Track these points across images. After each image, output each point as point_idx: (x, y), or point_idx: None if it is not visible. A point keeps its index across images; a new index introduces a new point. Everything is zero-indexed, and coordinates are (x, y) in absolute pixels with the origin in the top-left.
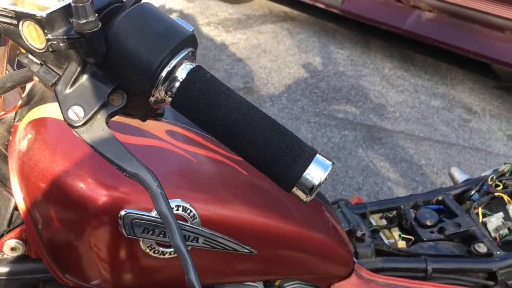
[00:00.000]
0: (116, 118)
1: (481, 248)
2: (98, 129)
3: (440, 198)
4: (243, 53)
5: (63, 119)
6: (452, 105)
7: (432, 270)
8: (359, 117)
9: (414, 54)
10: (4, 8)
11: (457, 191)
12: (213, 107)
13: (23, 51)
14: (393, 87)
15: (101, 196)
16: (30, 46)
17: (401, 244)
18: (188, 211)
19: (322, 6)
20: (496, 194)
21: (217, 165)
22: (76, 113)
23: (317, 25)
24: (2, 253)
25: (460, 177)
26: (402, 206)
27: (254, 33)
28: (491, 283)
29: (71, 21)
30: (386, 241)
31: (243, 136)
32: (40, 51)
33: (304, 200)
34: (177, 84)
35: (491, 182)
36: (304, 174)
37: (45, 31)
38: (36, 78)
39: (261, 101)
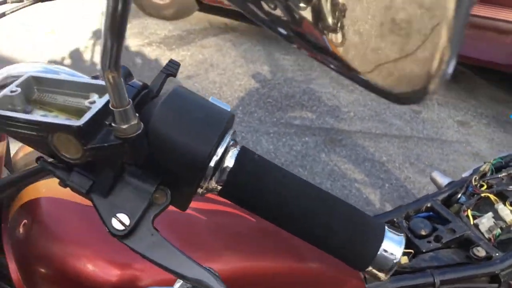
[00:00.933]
0: None
1: (480, 252)
2: (146, 235)
3: (429, 205)
4: (191, 70)
5: (58, 197)
6: None
7: (440, 283)
8: (316, 122)
9: None
10: (29, 120)
11: (443, 196)
12: (273, 192)
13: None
14: (343, 88)
15: (119, 276)
16: (62, 157)
17: (404, 259)
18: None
19: None
20: (482, 195)
21: (211, 217)
22: (121, 221)
23: (259, 33)
24: None
25: (442, 180)
26: (395, 219)
27: (198, 48)
28: (494, 285)
29: (111, 124)
30: None
31: (311, 218)
32: (74, 161)
33: (382, 279)
34: (227, 170)
35: (475, 183)
36: (379, 252)
37: (82, 141)
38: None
39: None
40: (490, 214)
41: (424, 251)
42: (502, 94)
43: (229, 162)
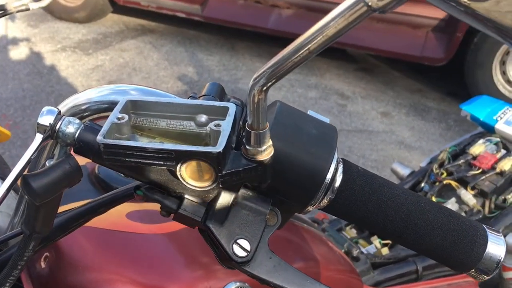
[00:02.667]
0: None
1: None
2: (265, 259)
3: None
4: (112, 75)
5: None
6: (327, 93)
7: (422, 269)
8: None
9: (280, 50)
10: (161, 149)
11: (408, 186)
12: (380, 203)
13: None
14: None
15: None
16: (188, 186)
17: (385, 251)
18: None
19: (182, 15)
20: (444, 182)
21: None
22: (243, 247)
23: (178, 34)
24: None
25: (403, 171)
26: None
27: (117, 51)
28: None
29: (245, 147)
30: (364, 250)
31: (418, 228)
32: (202, 189)
33: (485, 278)
34: (336, 186)
35: (436, 171)
36: (485, 254)
37: (219, 168)
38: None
39: None
40: (453, 199)
41: None
42: (417, 84)
43: (339, 177)
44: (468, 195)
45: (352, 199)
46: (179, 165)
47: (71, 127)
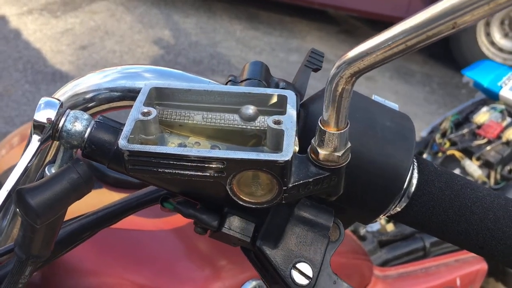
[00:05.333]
0: None
1: None
2: (328, 284)
3: None
4: (84, 39)
5: None
6: None
7: (430, 245)
8: None
9: (258, 11)
10: (205, 157)
11: None
12: (463, 209)
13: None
14: (250, 49)
15: None
16: (238, 202)
17: (390, 227)
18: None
19: None
20: (448, 152)
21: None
22: (304, 272)
23: None
24: None
25: None
26: None
27: (87, 14)
28: None
29: (314, 152)
30: (368, 227)
31: (507, 238)
32: (259, 206)
33: None
34: (412, 190)
35: (439, 141)
36: None
37: (285, 180)
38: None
39: None
40: (458, 170)
41: None
42: None
43: (414, 179)
44: (473, 166)
45: (430, 205)
46: (230, 177)
47: (79, 124)
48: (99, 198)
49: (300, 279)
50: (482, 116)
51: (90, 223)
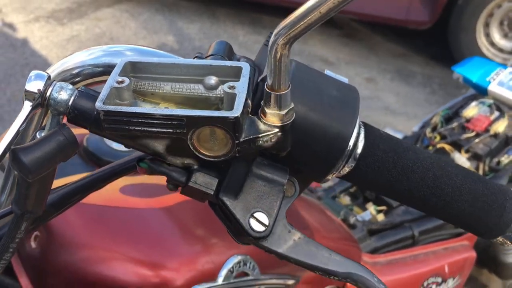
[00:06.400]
0: None
1: None
2: (284, 233)
3: None
4: (89, 45)
5: None
6: (311, 59)
7: (418, 234)
8: None
9: (261, 16)
10: (171, 115)
11: None
12: (405, 169)
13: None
14: (253, 53)
15: (161, 279)
16: (199, 156)
17: (380, 217)
18: (248, 263)
19: None
20: (438, 146)
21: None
22: (260, 221)
23: (156, 1)
24: None
25: (396, 136)
26: None
27: (93, 21)
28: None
29: (263, 111)
30: (359, 217)
31: (446, 194)
32: (216, 159)
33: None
34: (358, 152)
35: (430, 135)
36: None
37: (236, 134)
38: None
39: None
40: None
41: (394, 206)
42: (400, 48)
43: (361, 142)
44: (462, 159)
45: (376, 165)
46: (190, 133)
47: (64, 93)
48: None
49: (257, 226)
50: (471, 110)
51: (80, 188)
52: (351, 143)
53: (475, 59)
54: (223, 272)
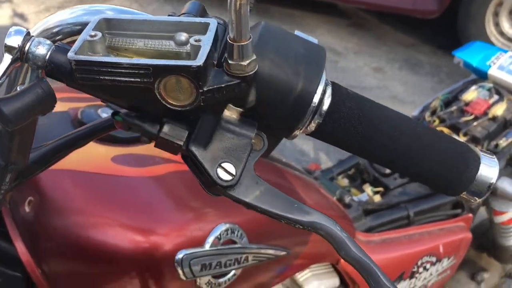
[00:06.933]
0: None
1: None
2: (251, 183)
3: None
4: None
5: (59, 168)
6: None
7: (414, 214)
8: None
9: (270, 6)
10: (137, 64)
11: None
12: (371, 126)
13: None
14: None
15: (150, 244)
16: (167, 105)
17: (377, 198)
18: (236, 231)
19: None
20: (437, 129)
21: None
22: (228, 170)
23: None
24: None
25: None
26: (360, 161)
27: None
28: (458, 210)
29: (227, 61)
30: (356, 198)
31: (411, 152)
32: (182, 108)
33: (476, 201)
34: (325, 108)
35: (429, 119)
36: (477, 175)
37: (200, 83)
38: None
39: None
40: None
41: (392, 187)
42: (408, 38)
43: (327, 100)
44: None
45: (341, 122)
46: (157, 82)
47: (42, 48)
48: (88, 151)
49: (224, 176)
50: (471, 94)
51: (62, 145)
52: (316, 99)
53: (476, 44)
54: (210, 239)
